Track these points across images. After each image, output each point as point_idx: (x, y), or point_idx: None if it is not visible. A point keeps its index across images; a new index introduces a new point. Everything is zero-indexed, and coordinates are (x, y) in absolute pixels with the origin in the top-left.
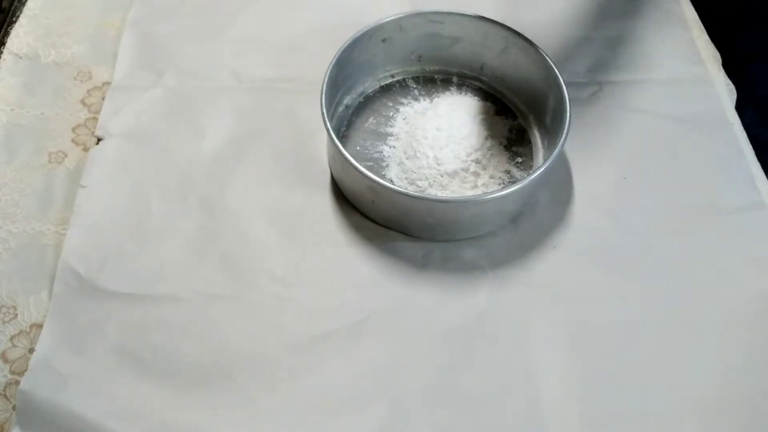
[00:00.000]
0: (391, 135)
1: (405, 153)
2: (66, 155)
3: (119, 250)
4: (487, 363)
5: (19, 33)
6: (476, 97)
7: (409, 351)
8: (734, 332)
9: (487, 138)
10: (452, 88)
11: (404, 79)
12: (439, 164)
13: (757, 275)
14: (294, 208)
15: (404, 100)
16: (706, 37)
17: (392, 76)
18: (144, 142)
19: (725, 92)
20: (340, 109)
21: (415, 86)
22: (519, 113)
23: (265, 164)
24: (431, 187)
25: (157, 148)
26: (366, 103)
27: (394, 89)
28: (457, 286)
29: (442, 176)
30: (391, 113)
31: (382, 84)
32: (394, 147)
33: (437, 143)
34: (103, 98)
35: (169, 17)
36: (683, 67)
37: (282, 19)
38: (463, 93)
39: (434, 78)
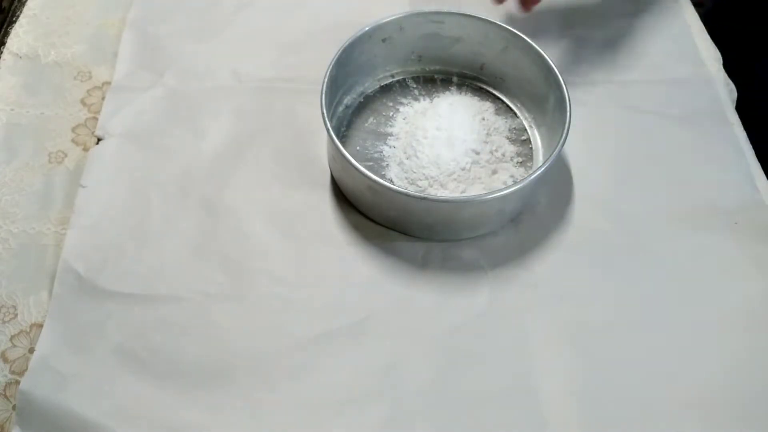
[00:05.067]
0: (391, 135)
1: (405, 153)
2: (66, 155)
3: (119, 250)
4: (487, 363)
5: (19, 33)
6: (476, 97)
7: (409, 351)
8: (734, 332)
9: (487, 138)
10: (452, 88)
11: (404, 79)
12: (438, 164)
13: (757, 275)
14: (294, 208)
15: (404, 100)
16: (707, 37)
17: (392, 76)
18: (144, 142)
19: (725, 92)
20: (340, 109)
21: (415, 86)
22: (519, 113)
23: (265, 164)
24: (431, 186)
25: (157, 148)
26: (366, 103)
27: (394, 89)
28: (457, 286)
29: (441, 176)
30: (391, 113)
31: (382, 84)
32: (394, 147)
33: (437, 143)
34: (103, 98)
35: (169, 17)
36: (683, 67)
37: (282, 19)
38: (463, 93)
39: (434, 78)
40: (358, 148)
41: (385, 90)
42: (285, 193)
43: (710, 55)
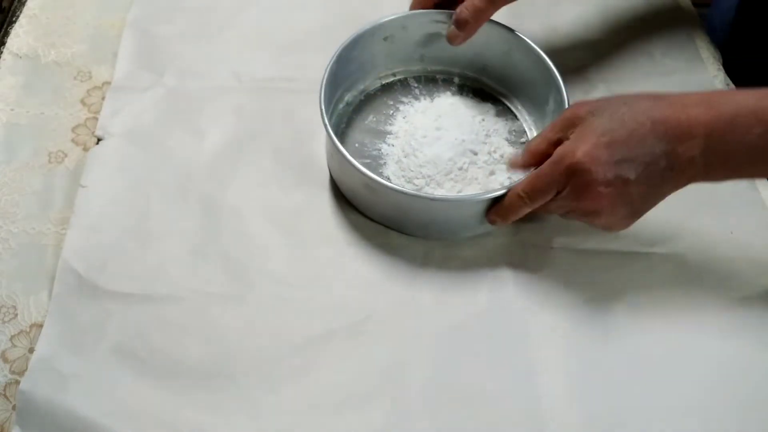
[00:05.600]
0: (390, 133)
1: (403, 151)
2: (66, 155)
3: (119, 250)
4: (486, 363)
5: (19, 33)
6: (477, 98)
7: (409, 351)
8: (734, 332)
9: (486, 139)
10: (453, 89)
11: (406, 78)
12: (436, 163)
13: (757, 275)
14: (294, 208)
15: (405, 99)
16: (706, 37)
17: (394, 74)
18: (144, 142)
19: None
20: (341, 106)
21: (416, 85)
22: (519, 115)
23: (265, 164)
24: (428, 185)
25: (157, 148)
26: (366, 101)
27: (395, 88)
28: (457, 286)
29: (438, 175)
30: (392, 111)
31: (383, 83)
32: (393, 145)
33: (436, 142)
34: (103, 98)
35: (169, 17)
36: (683, 67)
37: (282, 19)
38: (465, 94)
39: (436, 78)
40: (356, 145)
41: (387, 88)
42: (285, 193)
43: (710, 55)
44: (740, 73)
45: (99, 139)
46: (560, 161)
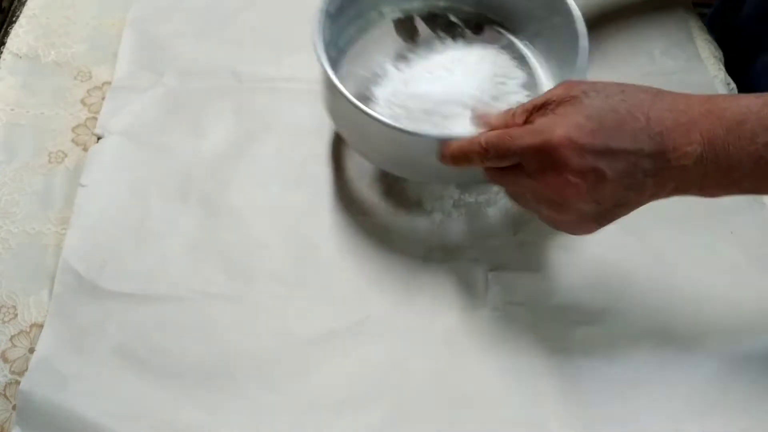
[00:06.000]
0: (406, 58)
1: (405, 80)
2: (66, 155)
3: (119, 250)
4: (486, 363)
5: (19, 33)
6: (514, 62)
7: (408, 351)
8: (734, 332)
9: (493, 101)
10: (498, 44)
11: (457, 14)
12: (423, 100)
13: (756, 275)
14: (294, 207)
15: (442, 34)
16: (707, 35)
17: (446, 8)
18: (144, 142)
19: (725, 92)
20: (374, 13)
21: (462, 26)
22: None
23: (266, 164)
24: (406, 118)
25: (158, 148)
26: (404, 21)
27: (439, 20)
28: (457, 286)
29: (419, 113)
30: (421, 39)
31: (431, 11)
32: (400, 70)
33: (436, 81)
34: (103, 98)
35: (169, 17)
36: (683, 67)
37: (282, 19)
38: (505, 52)
39: (484, 24)
40: (365, 56)
41: (432, 18)
42: (285, 193)
43: (710, 54)
44: (740, 73)
45: (99, 138)
46: (537, 133)
